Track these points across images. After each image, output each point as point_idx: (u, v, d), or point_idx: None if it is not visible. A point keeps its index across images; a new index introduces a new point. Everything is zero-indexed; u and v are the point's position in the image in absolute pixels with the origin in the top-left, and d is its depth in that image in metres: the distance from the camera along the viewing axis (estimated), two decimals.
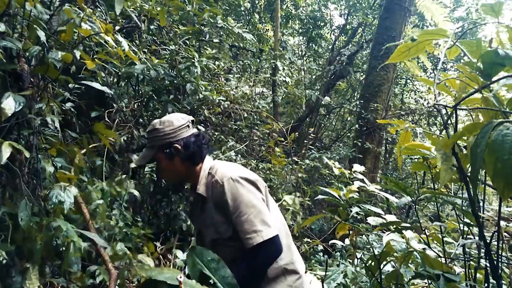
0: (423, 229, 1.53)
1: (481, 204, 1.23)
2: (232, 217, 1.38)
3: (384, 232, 1.80)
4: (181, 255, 3.03)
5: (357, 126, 6.66)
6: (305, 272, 1.49)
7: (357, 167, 2.10)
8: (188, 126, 1.54)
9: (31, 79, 1.95)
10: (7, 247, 1.73)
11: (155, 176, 3.51)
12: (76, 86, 2.41)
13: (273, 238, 1.35)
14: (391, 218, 1.57)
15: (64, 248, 1.98)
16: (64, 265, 2.00)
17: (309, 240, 4.26)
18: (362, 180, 1.89)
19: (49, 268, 2.21)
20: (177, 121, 1.52)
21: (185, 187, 3.88)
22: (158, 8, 3.36)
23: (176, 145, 1.48)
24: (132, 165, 3.11)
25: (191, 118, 1.59)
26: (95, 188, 2.48)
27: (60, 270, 2.25)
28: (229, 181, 1.41)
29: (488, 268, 1.08)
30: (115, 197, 2.82)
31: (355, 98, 9.17)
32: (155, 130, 1.51)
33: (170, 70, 3.66)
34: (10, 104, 1.67)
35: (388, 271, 1.56)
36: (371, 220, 1.75)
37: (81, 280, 2.30)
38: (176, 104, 3.68)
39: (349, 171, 2.16)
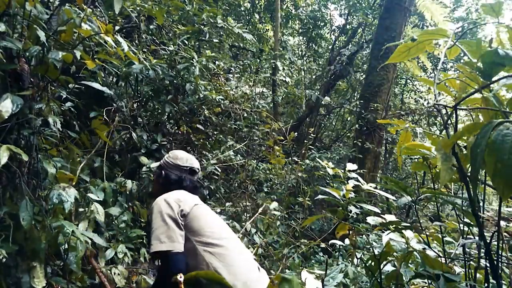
0: (423, 229, 1.53)
1: (481, 204, 1.23)
2: None
3: (384, 232, 1.80)
4: None
5: (357, 126, 6.66)
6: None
7: (350, 166, 2.11)
8: (186, 170, 1.88)
9: (31, 79, 1.95)
10: (9, 247, 1.73)
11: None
12: (76, 86, 2.41)
13: (165, 252, 1.52)
14: (391, 218, 1.57)
15: (65, 247, 1.98)
16: (67, 265, 2.01)
17: (305, 240, 4.26)
18: (356, 179, 1.89)
19: (50, 268, 2.21)
20: (181, 161, 1.90)
21: None
22: (157, 8, 3.36)
23: (164, 172, 1.88)
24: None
25: (195, 167, 1.93)
26: (96, 188, 2.49)
27: (62, 270, 2.25)
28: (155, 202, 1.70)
29: (488, 268, 1.08)
30: (116, 197, 2.83)
31: (355, 98, 9.17)
32: (168, 156, 1.94)
33: (169, 70, 3.66)
34: (7, 106, 1.67)
35: (388, 271, 1.56)
36: (371, 220, 1.75)
37: (82, 280, 2.30)
38: (174, 105, 3.68)
39: (342, 171, 2.16)
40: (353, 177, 2.00)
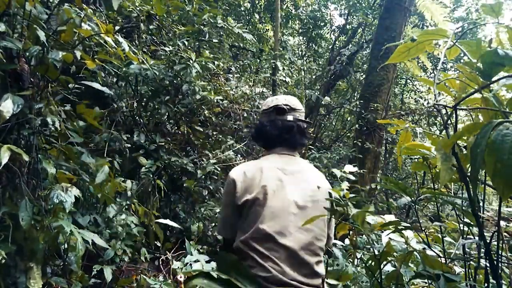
0: (423, 229, 1.53)
1: (481, 204, 1.23)
2: None
3: (383, 232, 1.80)
4: (176, 263, 3.01)
5: (357, 126, 6.66)
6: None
7: (348, 168, 2.11)
8: (271, 111, 1.59)
9: (31, 79, 1.95)
10: (8, 247, 1.73)
11: (153, 176, 3.51)
12: (76, 86, 2.41)
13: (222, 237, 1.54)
14: (390, 218, 1.57)
15: (65, 247, 1.98)
16: (68, 265, 2.01)
17: None
18: (355, 182, 1.89)
19: (50, 268, 2.21)
20: (265, 104, 1.65)
21: (184, 184, 3.89)
22: (157, 5, 3.36)
23: (254, 128, 1.68)
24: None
25: (278, 104, 1.59)
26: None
27: (62, 270, 2.25)
28: None
29: (488, 268, 1.08)
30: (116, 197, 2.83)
31: (355, 98, 9.16)
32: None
33: (169, 71, 3.66)
34: (8, 106, 1.67)
35: (388, 271, 1.55)
36: (370, 220, 1.75)
37: (82, 280, 2.31)
38: (170, 106, 3.67)
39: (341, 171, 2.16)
40: (350, 179, 2.01)
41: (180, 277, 2.75)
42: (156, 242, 3.51)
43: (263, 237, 1.37)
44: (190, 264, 2.49)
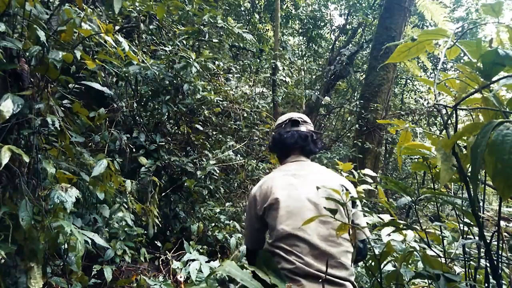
0: (423, 229, 1.53)
1: (481, 204, 1.23)
2: None
3: (383, 232, 1.80)
4: (176, 263, 3.01)
5: (357, 126, 6.66)
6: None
7: (368, 172, 2.14)
8: (285, 124, 1.80)
9: (31, 79, 1.95)
10: (8, 247, 1.73)
11: (152, 177, 3.51)
12: (76, 86, 2.41)
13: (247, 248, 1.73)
14: (389, 218, 1.57)
15: (65, 247, 1.98)
16: (68, 265, 2.01)
17: None
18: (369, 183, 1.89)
19: (50, 268, 2.21)
20: (280, 119, 1.85)
21: (184, 184, 3.89)
22: (157, 7, 3.35)
23: (271, 141, 1.85)
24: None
25: (293, 116, 1.81)
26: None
27: (61, 270, 2.25)
28: None
29: (488, 268, 1.08)
30: (116, 196, 2.83)
31: (355, 98, 9.17)
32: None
33: (169, 70, 3.66)
34: (9, 106, 1.67)
35: (388, 271, 1.55)
36: (370, 219, 1.75)
37: (82, 280, 2.30)
38: (171, 105, 3.68)
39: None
40: (366, 181, 2.01)
41: (180, 277, 2.75)
42: (156, 242, 3.51)
43: (285, 235, 1.50)
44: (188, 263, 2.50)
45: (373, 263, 1.42)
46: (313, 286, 1.39)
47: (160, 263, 3.45)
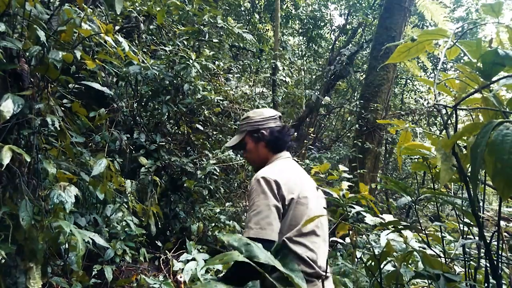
0: (423, 229, 1.53)
1: (481, 204, 1.23)
2: None
3: (383, 232, 1.80)
4: (177, 264, 3.01)
5: (357, 126, 6.66)
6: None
7: (342, 168, 2.13)
8: (275, 118, 1.77)
9: (31, 79, 1.95)
10: (8, 247, 1.73)
11: (153, 176, 3.51)
12: (76, 86, 2.41)
13: (261, 239, 1.35)
14: (389, 218, 1.57)
15: (66, 247, 1.98)
16: (68, 265, 2.01)
17: None
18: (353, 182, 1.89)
19: (50, 268, 2.21)
20: (267, 112, 1.78)
21: (184, 184, 3.89)
22: (158, 8, 3.35)
23: (263, 131, 1.73)
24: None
25: (279, 114, 1.81)
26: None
27: (62, 270, 2.25)
28: (254, 179, 1.53)
29: (488, 268, 1.08)
30: (117, 196, 2.83)
31: (355, 98, 9.17)
32: (248, 118, 1.78)
33: (169, 71, 3.66)
34: (9, 106, 1.67)
35: (388, 271, 1.55)
36: (369, 220, 1.75)
37: (83, 279, 2.31)
38: (171, 105, 3.68)
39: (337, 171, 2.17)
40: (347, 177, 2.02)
41: (180, 277, 2.75)
42: (156, 242, 3.51)
43: (308, 232, 1.51)
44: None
45: (373, 263, 1.42)
46: (326, 284, 1.47)
47: (160, 263, 3.45)
